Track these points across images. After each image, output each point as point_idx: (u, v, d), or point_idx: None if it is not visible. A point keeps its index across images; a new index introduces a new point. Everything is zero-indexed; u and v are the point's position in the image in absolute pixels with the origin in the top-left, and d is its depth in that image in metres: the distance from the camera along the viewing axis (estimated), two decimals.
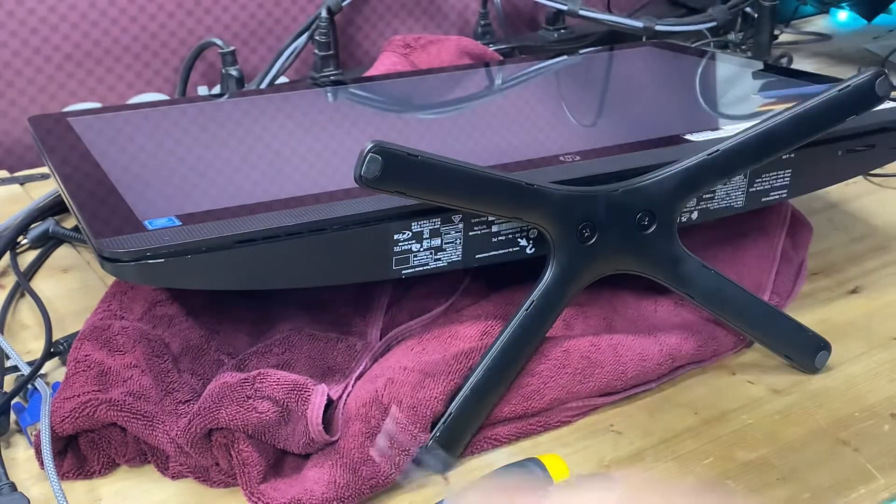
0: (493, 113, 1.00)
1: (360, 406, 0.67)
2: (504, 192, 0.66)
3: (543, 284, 0.70)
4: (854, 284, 0.90)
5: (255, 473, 0.62)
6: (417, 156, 0.61)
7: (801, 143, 0.75)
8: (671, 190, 0.72)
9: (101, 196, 0.71)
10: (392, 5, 1.42)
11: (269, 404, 0.63)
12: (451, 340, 0.72)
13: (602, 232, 0.70)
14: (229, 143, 0.87)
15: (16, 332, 0.82)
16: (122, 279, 0.70)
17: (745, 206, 0.80)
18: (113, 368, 0.68)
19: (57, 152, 0.81)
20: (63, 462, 0.66)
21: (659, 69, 1.14)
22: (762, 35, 1.46)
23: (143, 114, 0.95)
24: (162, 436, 0.65)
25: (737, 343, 0.79)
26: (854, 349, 0.80)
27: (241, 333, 0.76)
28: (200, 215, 0.67)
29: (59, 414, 0.65)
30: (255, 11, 1.32)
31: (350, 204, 0.67)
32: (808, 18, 1.74)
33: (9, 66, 1.18)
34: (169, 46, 1.27)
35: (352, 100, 1.03)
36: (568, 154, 0.77)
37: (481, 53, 1.21)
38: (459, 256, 0.70)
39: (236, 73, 1.20)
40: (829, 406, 0.74)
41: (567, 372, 0.71)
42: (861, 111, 0.74)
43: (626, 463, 0.68)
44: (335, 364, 0.73)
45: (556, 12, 1.45)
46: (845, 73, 1.30)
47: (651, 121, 0.94)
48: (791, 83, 1.00)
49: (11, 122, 1.21)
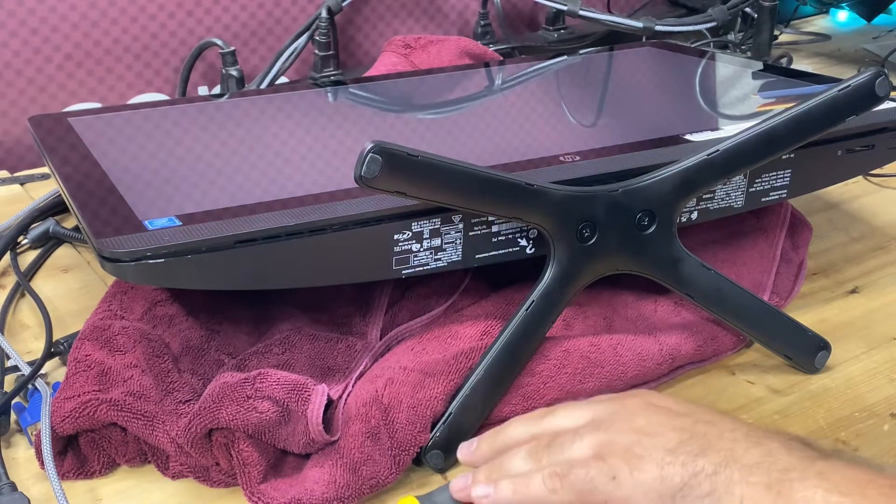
0: (493, 113, 1.00)
1: (360, 406, 0.67)
2: (504, 192, 0.66)
3: (543, 284, 0.70)
4: (853, 284, 0.90)
5: (255, 473, 0.63)
6: (417, 156, 0.61)
7: (801, 143, 0.75)
8: (671, 190, 0.72)
9: (102, 196, 0.71)
10: (392, 5, 1.42)
11: (269, 404, 0.63)
12: (451, 340, 0.72)
13: (602, 232, 0.70)
14: (229, 143, 0.87)
15: (16, 332, 0.82)
16: (122, 279, 0.70)
17: (745, 206, 0.80)
18: (113, 368, 0.68)
19: (57, 152, 0.81)
20: (63, 462, 0.66)
21: (659, 69, 1.14)
22: (762, 35, 1.46)
23: (143, 114, 0.95)
24: (162, 436, 0.65)
25: (737, 343, 0.79)
26: (854, 349, 0.80)
27: (241, 333, 0.76)
28: (200, 215, 0.67)
29: (60, 414, 0.65)
30: (255, 11, 1.32)
31: (350, 204, 0.67)
32: (807, 18, 1.74)
33: (9, 66, 1.19)
34: (169, 46, 1.27)
35: (352, 100, 1.03)
36: (568, 154, 0.77)
37: (481, 53, 1.21)
38: (459, 256, 0.70)
39: (236, 73, 1.20)
40: (828, 406, 0.74)
41: (567, 372, 0.71)
42: (861, 111, 0.74)
43: None
44: (335, 364, 0.73)
45: (556, 12, 1.45)
46: (845, 73, 1.30)
47: (651, 121, 0.94)
48: (791, 83, 1.00)
49: (12, 122, 1.21)
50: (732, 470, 0.50)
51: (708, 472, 0.51)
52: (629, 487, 0.52)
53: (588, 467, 0.54)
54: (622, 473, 0.53)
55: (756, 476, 0.50)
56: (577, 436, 0.56)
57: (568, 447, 0.55)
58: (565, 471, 0.54)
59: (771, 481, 0.49)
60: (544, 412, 0.60)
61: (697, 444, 0.52)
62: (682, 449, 0.52)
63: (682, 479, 0.51)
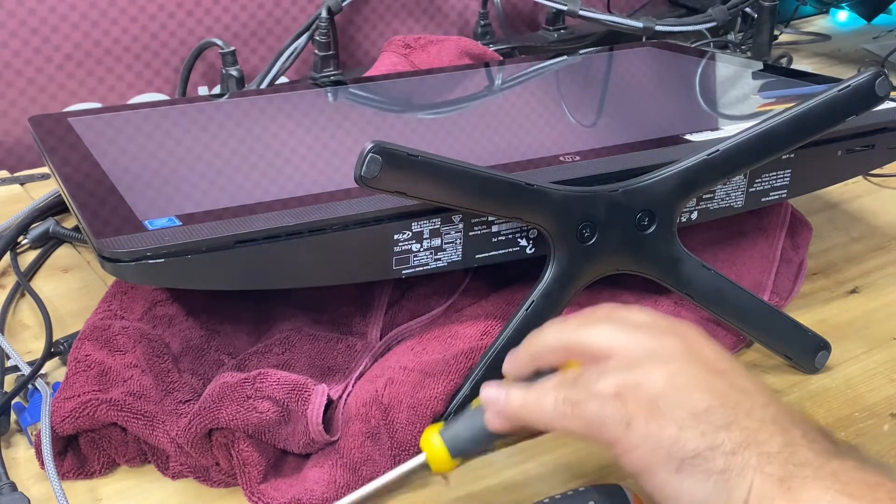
0: (493, 113, 1.00)
1: (360, 406, 0.67)
2: (504, 192, 0.66)
3: (543, 284, 0.70)
4: (853, 284, 0.90)
5: (255, 473, 0.63)
6: (417, 156, 0.61)
7: (801, 143, 0.75)
8: (671, 190, 0.72)
9: (102, 196, 0.71)
10: (392, 5, 1.42)
11: (269, 404, 0.63)
12: (451, 340, 0.72)
13: (602, 232, 0.70)
14: (229, 143, 0.87)
15: (16, 332, 0.82)
16: (122, 279, 0.70)
17: (745, 206, 0.80)
18: (113, 368, 0.68)
19: (57, 152, 0.81)
20: (63, 462, 0.66)
21: (659, 69, 1.14)
22: (762, 35, 1.46)
23: (143, 114, 0.95)
24: (162, 436, 0.65)
25: (737, 343, 0.79)
26: (854, 349, 0.80)
27: (241, 333, 0.76)
28: (200, 215, 0.67)
29: (60, 414, 0.65)
30: (255, 11, 1.32)
31: (350, 204, 0.67)
32: (807, 18, 1.74)
33: (9, 66, 1.18)
34: (169, 46, 1.27)
35: (352, 100, 1.03)
36: (568, 154, 0.77)
37: (481, 53, 1.21)
38: (459, 256, 0.70)
39: (236, 73, 1.20)
40: (828, 406, 0.74)
41: None
42: (861, 111, 0.74)
43: None
44: (335, 364, 0.73)
45: (556, 12, 1.45)
46: (845, 73, 1.30)
47: (651, 121, 0.94)
48: (791, 83, 1.00)
49: (11, 122, 1.21)
50: (751, 454, 0.49)
51: (726, 449, 0.49)
52: (639, 438, 0.50)
53: (605, 404, 0.51)
54: (637, 422, 0.50)
55: (772, 467, 0.48)
56: (603, 374, 0.53)
57: (593, 383, 0.53)
58: (581, 399, 0.52)
59: (785, 475, 0.48)
60: (582, 320, 0.57)
61: (724, 415, 0.50)
62: (706, 417, 0.50)
63: (696, 447, 0.49)
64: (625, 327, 0.55)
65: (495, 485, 0.67)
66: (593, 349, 0.55)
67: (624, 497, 0.60)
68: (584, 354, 0.55)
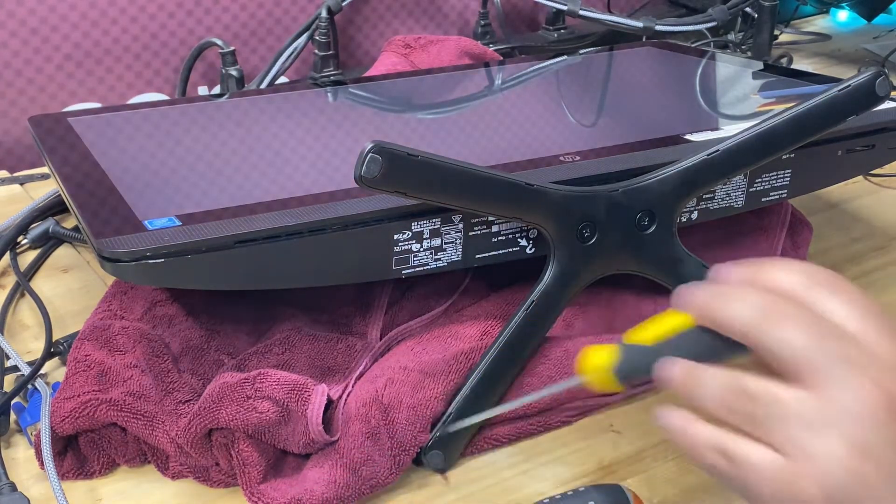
0: (493, 113, 1.00)
1: (360, 406, 0.67)
2: (504, 192, 0.66)
3: (543, 284, 0.70)
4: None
5: (255, 473, 0.63)
6: (417, 156, 0.61)
7: (801, 143, 0.75)
8: (671, 190, 0.72)
9: (101, 196, 0.71)
10: (392, 5, 1.42)
11: (269, 404, 0.63)
12: (451, 340, 0.72)
13: (602, 232, 0.70)
14: (229, 143, 0.87)
15: (16, 332, 0.82)
16: (122, 279, 0.70)
17: (745, 206, 0.80)
18: (113, 368, 0.68)
19: (57, 152, 0.81)
20: (63, 462, 0.66)
21: (659, 69, 1.14)
22: (762, 35, 1.46)
23: (143, 114, 0.95)
24: (162, 436, 0.65)
25: None
26: None
27: (241, 333, 0.76)
28: (200, 215, 0.67)
29: (59, 414, 0.65)
30: (255, 11, 1.32)
31: (350, 204, 0.67)
32: (807, 18, 1.74)
33: (9, 66, 1.18)
34: (169, 46, 1.27)
35: (352, 100, 1.03)
36: (568, 154, 0.77)
37: (481, 53, 1.21)
38: (459, 256, 0.70)
39: (236, 73, 1.20)
40: None
41: (567, 372, 0.71)
42: (861, 111, 0.74)
43: (626, 463, 0.68)
44: (335, 364, 0.73)
45: (556, 12, 1.45)
46: (845, 73, 1.30)
47: (651, 121, 0.94)
48: (791, 83, 1.00)
49: (11, 122, 1.21)
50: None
51: None
52: None
53: (773, 468, 0.45)
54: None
55: None
56: (781, 422, 0.45)
57: (766, 428, 0.45)
58: (744, 445, 0.46)
59: None
60: (773, 310, 0.47)
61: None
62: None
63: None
64: (819, 333, 0.46)
65: (495, 485, 0.67)
66: (775, 357, 0.46)
67: (624, 497, 0.60)
68: (765, 356, 0.47)
